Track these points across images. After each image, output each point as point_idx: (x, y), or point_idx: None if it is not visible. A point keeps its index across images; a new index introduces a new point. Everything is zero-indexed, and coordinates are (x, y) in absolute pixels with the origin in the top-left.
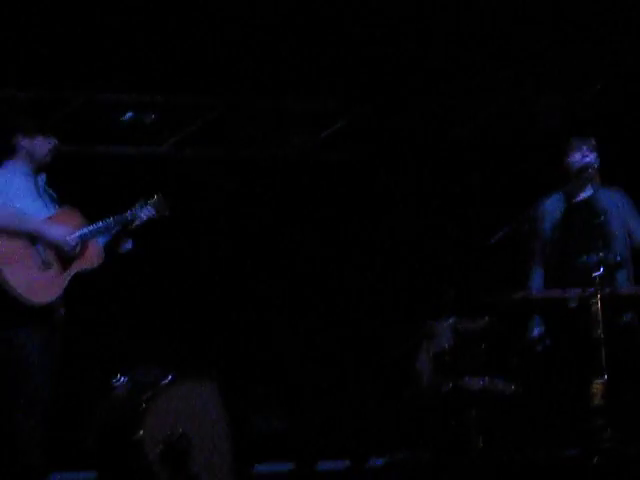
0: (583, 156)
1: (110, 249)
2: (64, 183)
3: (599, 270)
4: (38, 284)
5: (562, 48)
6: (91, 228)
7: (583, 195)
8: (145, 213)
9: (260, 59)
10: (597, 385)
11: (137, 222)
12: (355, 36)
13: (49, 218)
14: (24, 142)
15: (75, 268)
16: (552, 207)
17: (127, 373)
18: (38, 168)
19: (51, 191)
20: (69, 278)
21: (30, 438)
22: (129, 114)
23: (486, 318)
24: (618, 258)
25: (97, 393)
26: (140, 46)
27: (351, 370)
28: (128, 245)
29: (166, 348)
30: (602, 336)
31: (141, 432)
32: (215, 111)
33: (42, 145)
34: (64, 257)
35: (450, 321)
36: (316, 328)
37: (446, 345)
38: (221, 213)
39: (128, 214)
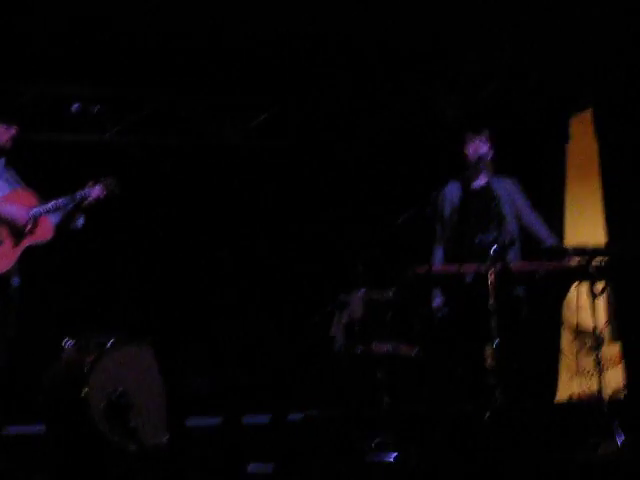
0: (478, 148)
1: (63, 226)
2: (19, 167)
3: (492, 248)
4: None
5: (463, 50)
6: (43, 207)
7: (479, 182)
8: (95, 193)
9: (197, 56)
10: (489, 349)
11: (87, 201)
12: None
13: (2, 197)
14: None
15: (26, 242)
16: (451, 193)
17: (75, 337)
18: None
19: (12, 173)
20: (20, 252)
21: None
22: (77, 105)
23: (392, 290)
24: (507, 239)
25: (48, 355)
26: (90, 43)
27: (275, 336)
28: (80, 222)
29: (109, 315)
30: (494, 306)
31: (86, 389)
32: (155, 103)
33: (2, 132)
34: (16, 233)
35: (360, 292)
36: (243, 298)
37: (357, 314)
38: (159, 193)
39: (78, 194)
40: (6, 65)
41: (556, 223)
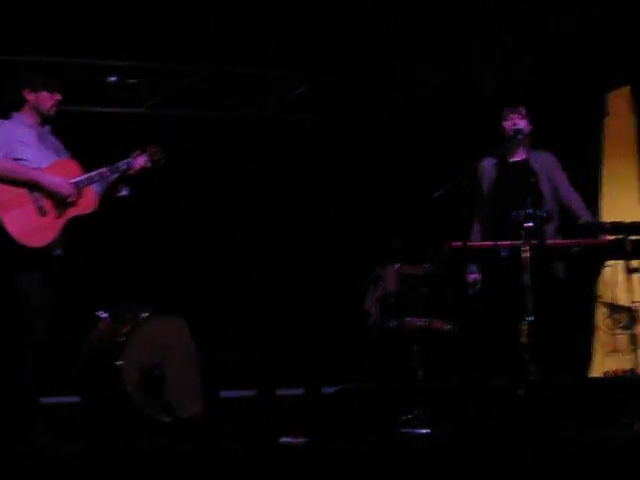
0: (515, 123)
1: (107, 195)
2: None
3: (527, 224)
4: (34, 229)
5: (500, 24)
6: (86, 176)
7: (516, 157)
8: (139, 162)
9: (234, 29)
10: (524, 325)
11: (132, 171)
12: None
13: (47, 168)
14: (30, 96)
15: (70, 214)
16: (488, 167)
17: (109, 308)
18: (43, 121)
19: (56, 141)
20: (64, 223)
21: (27, 370)
22: (114, 77)
23: (428, 264)
24: (544, 214)
25: (83, 326)
26: (128, 18)
27: (309, 310)
28: (124, 192)
29: (144, 287)
30: (529, 282)
31: (120, 361)
32: (192, 76)
33: (46, 100)
34: (60, 204)
35: (395, 267)
36: (279, 270)
37: (391, 288)
38: (195, 166)
39: (122, 164)
40: (45, 38)
41: (592, 199)
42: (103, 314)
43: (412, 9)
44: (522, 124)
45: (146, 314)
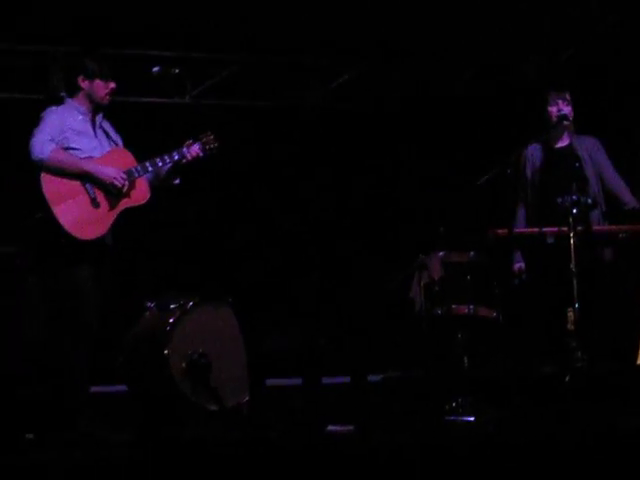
0: (560, 108)
1: (159, 185)
2: None
3: (573, 210)
4: (86, 221)
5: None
6: (139, 166)
7: (561, 143)
8: (193, 152)
9: (274, 19)
10: (570, 312)
11: (184, 160)
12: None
13: (100, 158)
14: (84, 83)
15: (123, 205)
16: (533, 153)
17: (156, 297)
18: (96, 108)
19: (109, 128)
20: (116, 215)
21: (78, 361)
22: (158, 67)
23: (472, 252)
24: (589, 201)
25: (129, 315)
26: (171, 9)
27: (354, 297)
28: (176, 181)
29: (189, 276)
30: (575, 269)
31: (167, 350)
32: (234, 66)
33: (101, 88)
34: (113, 195)
35: (440, 254)
36: (324, 258)
37: (436, 276)
38: (239, 155)
39: (175, 153)
40: (86, 28)
41: (638, 185)
42: (150, 303)
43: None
44: (567, 110)
45: (192, 303)
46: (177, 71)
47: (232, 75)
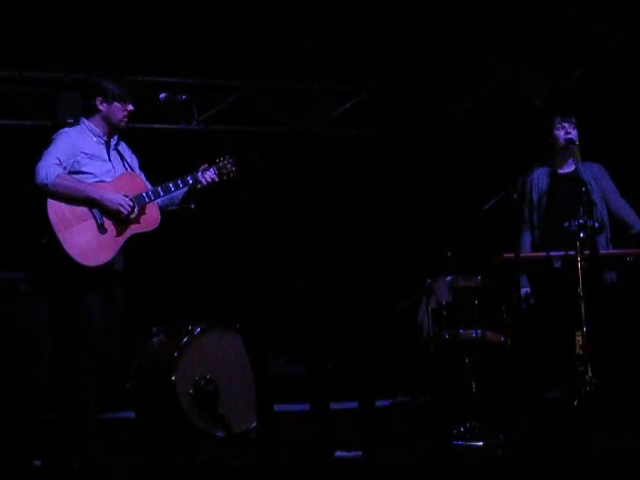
0: (566, 133)
1: (174, 209)
2: None
3: (580, 234)
4: (91, 247)
5: (548, 35)
6: (151, 192)
7: (567, 168)
8: (207, 177)
9: (282, 46)
10: (579, 336)
11: (199, 185)
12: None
13: (111, 182)
14: (102, 106)
15: (131, 231)
16: (539, 178)
17: (163, 323)
18: (112, 131)
19: (125, 149)
20: (123, 241)
21: (86, 387)
22: (164, 94)
23: (480, 277)
24: (597, 224)
25: (136, 341)
26: (175, 36)
27: (361, 323)
28: (192, 205)
29: (197, 301)
30: (582, 292)
31: (174, 376)
32: (240, 92)
33: (118, 110)
34: (121, 221)
35: (448, 279)
36: (330, 284)
37: (444, 301)
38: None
39: (190, 178)
40: (93, 55)
41: None
42: (157, 329)
43: (459, 18)
44: (574, 134)
45: (200, 328)
46: (184, 97)
47: (237, 101)
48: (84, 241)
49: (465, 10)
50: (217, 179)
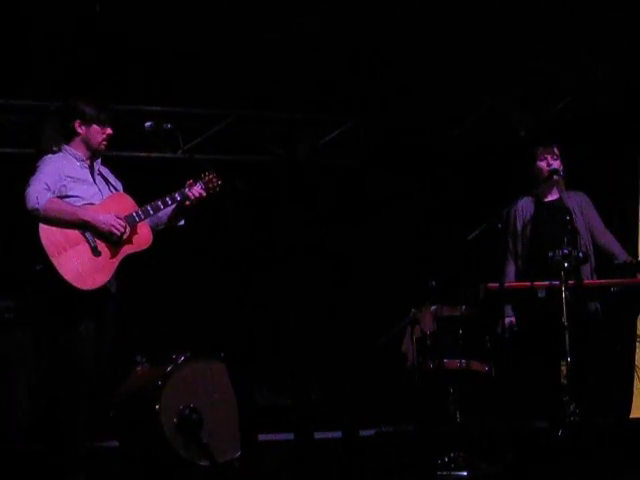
0: (549, 163)
1: (164, 227)
2: None
3: (565, 264)
4: (87, 271)
5: (532, 66)
6: (141, 211)
7: (550, 197)
8: (194, 192)
9: (266, 75)
10: (563, 365)
11: (188, 201)
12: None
13: (100, 204)
14: (81, 129)
15: (125, 252)
16: (523, 208)
17: (147, 352)
18: (93, 155)
19: (108, 173)
20: (118, 263)
21: (76, 416)
22: (150, 123)
23: (464, 306)
24: (581, 254)
25: (120, 370)
26: (161, 65)
27: (345, 352)
28: (181, 222)
29: (181, 330)
30: (566, 322)
31: (158, 405)
32: (225, 121)
33: (97, 133)
34: (114, 243)
35: (432, 309)
36: (314, 314)
37: (428, 330)
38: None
39: (178, 194)
40: (80, 83)
41: (629, 238)
42: (140, 358)
43: (445, 50)
44: (556, 164)
45: (183, 357)
46: (169, 126)
47: (223, 130)
48: (79, 265)
49: (450, 42)
50: (204, 193)
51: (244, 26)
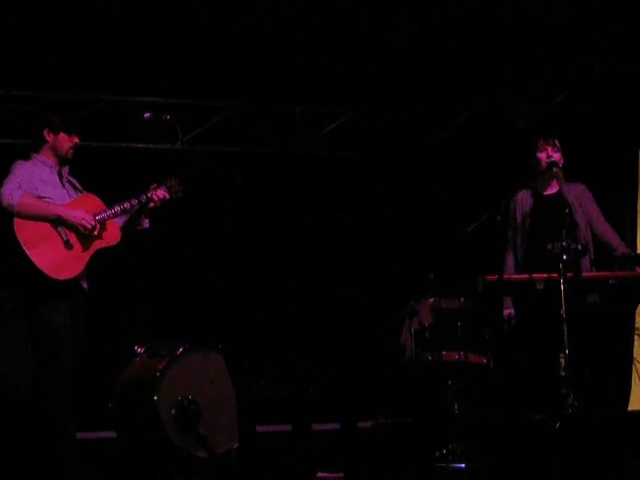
0: (549, 155)
1: (129, 228)
2: (92, 174)
3: (563, 256)
4: (61, 262)
5: (533, 59)
6: (109, 211)
7: (550, 190)
8: (159, 195)
9: (266, 68)
10: (561, 358)
11: (152, 203)
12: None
13: (69, 203)
14: (49, 137)
15: (95, 247)
16: (523, 200)
17: (145, 344)
18: (61, 161)
19: (75, 181)
20: (89, 256)
21: (59, 405)
22: (148, 114)
23: (462, 298)
24: (579, 247)
25: (118, 361)
26: (162, 54)
27: (344, 344)
28: (145, 225)
29: (179, 321)
30: (565, 315)
31: (156, 397)
32: (224, 113)
33: (65, 141)
34: (85, 237)
35: (430, 301)
36: (313, 305)
37: (426, 322)
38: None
39: (142, 196)
40: (80, 74)
41: (628, 231)
42: (139, 349)
43: (445, 42)
44: (556, 156)
45: (182, 349)
46: (168, 117)
47: (222, 122)
48: (53, 257)
49: (450, 34)
50: (168, 196)
51: (244, 17)
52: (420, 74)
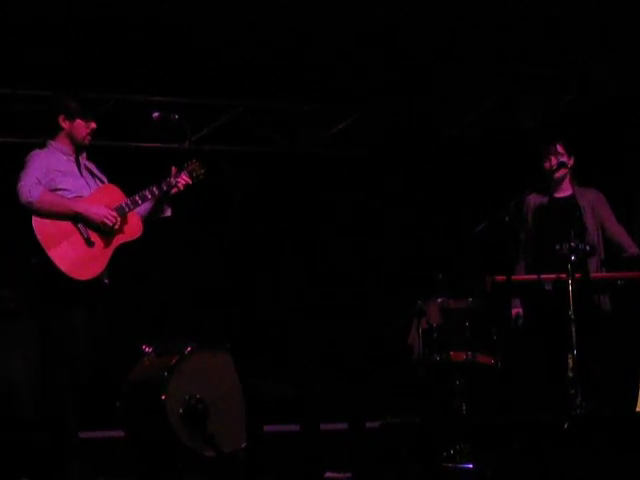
0: (558, 158)
1: (150, 217)
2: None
3: (572, 257)
4: (82, 261)
5: (542, 59)
6: (130, 201)
7: (562, 193)
8: (180, 180)
9: (273, 67)
10: (569, 358)
11: (174, 189)
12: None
13: (89, 196)
14: (65, 123)
15: (117, 242)
16: (535, 201)
17: (154, 342)
18: (77, 149)
19: (92, 166)
20: (111, 253)
21: (66, 406)
22: (157, 113)
23: (471, 299)
24: (587, 247)
25: (126, 359)
26: (170, 53)
27: (352, 344)
28: (167, 212)
29: (188, 320)
30: (573, 315)
31: (164, 396)
32: (232, 112)
33: (81, 128)
34: (106, 233)
35: (439, 301)
36: (321, 305)
37: (435, 322)
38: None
39: (163, 183)
40: (88, 73)
41: (636, 234)
42: (147, 348)
43: (453, 43)
44: (564, 158)
45: (190, 348)
46: (177, 117)
47: (230, 121)
48: (75, 256)
49: (458, 35)
50: (190, 181)
51: (252, 17)
52: (428, 74)
